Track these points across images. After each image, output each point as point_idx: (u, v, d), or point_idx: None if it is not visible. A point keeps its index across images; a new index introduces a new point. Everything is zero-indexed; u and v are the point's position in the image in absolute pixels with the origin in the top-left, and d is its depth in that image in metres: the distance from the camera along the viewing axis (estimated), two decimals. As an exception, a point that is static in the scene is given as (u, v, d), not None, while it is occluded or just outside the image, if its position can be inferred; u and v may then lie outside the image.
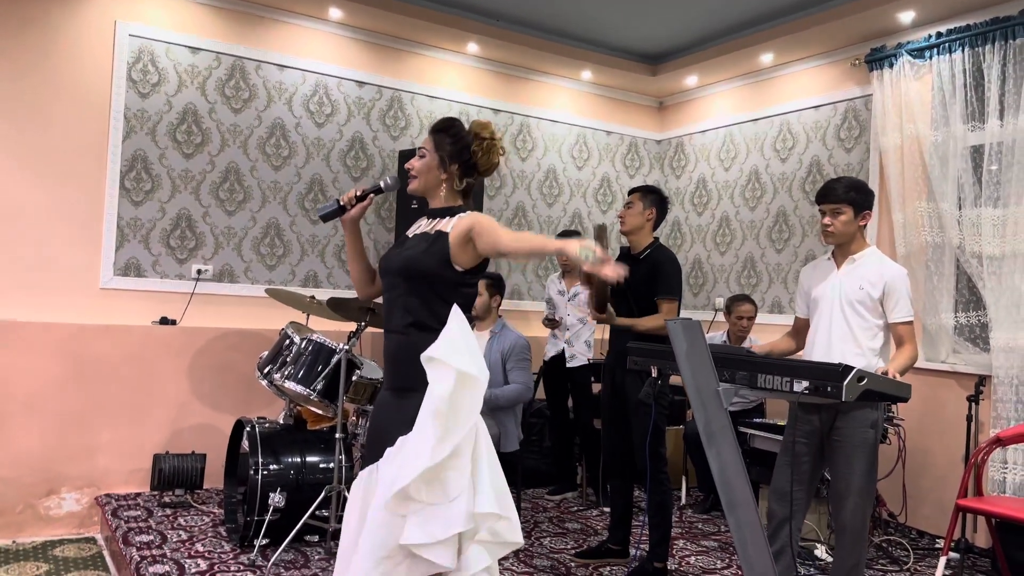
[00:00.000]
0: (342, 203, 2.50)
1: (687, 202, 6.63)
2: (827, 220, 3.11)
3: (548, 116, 6.35)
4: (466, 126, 2.48)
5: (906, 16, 4.76)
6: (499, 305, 4.54)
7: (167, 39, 4.86)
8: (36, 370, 4.36)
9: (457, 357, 2.18)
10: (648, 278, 3.76)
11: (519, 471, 4.50)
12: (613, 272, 2.05)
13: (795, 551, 3.11)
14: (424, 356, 2.19)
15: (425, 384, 2.23)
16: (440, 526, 2.11)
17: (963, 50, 4.58)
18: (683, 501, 5.28)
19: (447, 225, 2.38)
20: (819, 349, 3.09)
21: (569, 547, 4.18)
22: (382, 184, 2.57)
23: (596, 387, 5.18)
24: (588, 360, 5.23)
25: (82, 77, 4.63)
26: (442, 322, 2.27)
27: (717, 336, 5.37)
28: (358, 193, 2.51)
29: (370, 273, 2.57)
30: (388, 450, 2.24)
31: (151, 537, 3.88)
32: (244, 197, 5.12)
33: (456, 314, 2.27)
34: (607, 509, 4.82)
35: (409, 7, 5.25)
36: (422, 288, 2.32)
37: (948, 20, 4.70)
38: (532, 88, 6.29)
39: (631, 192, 3.93)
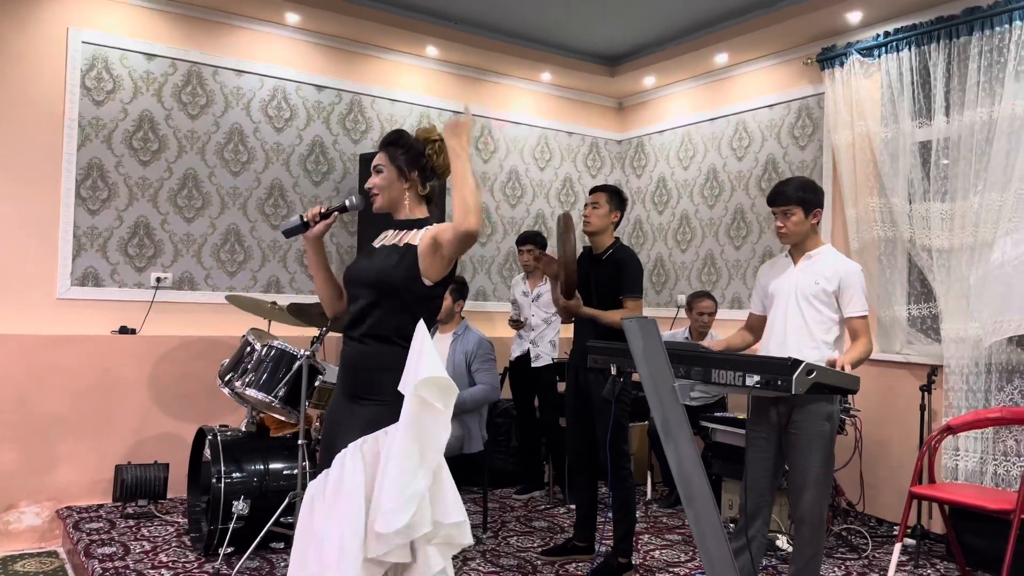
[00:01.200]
0: (306, 219, 2.45)
1: (648, 201, 6.71)
2: (779, 222, 3.19)
3: (510, 118, 6.39)
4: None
5: (854, 16, 4.87)
6: (461, 309, 4.57)
7: (121, 46, 4.81)
8: (-8, 383, 4.30)
9: (435, 368, 2.23)
10: (611, 278, 3.81)
11: (485, 472, 4.53)
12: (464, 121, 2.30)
13: (763, 544, 3.17)
14: (412, 376, 2.20)
15: (379, 393, 2.28)
16: (402, 533, 2.14)
17: (910, 49, 4.70)
18: (648, 496, 5.34)
19: (415, 237, 2.39)
20: (775, 342, 3.16)
21: (536, 545, 4.22)
22: (347, 203, 2.53)
23: (561, 386, 5.23)
24: (553, 360, 5.27)
25: (34, 85, 4.56)
26: (404, 335, 2.29)
27: (679, 332, 5.44)
28: (323, 211, 2.47)
29: (337, 290, 2.54)
30: (338, 456, 2.26)
31: (114, 549, 3.84)
32: (203, 204, 5.08)
33: (421, 327, 2.29)
34: (574, 507, 4.87)
35: (366, 11, 5.25)
36: (390, 301, 2.33)
37: (895, 20, 4.81)
38: (492, 90, 6.32)
39: (594, 191, 3.95)
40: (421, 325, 2.30)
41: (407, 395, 2.21)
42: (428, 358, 2.23)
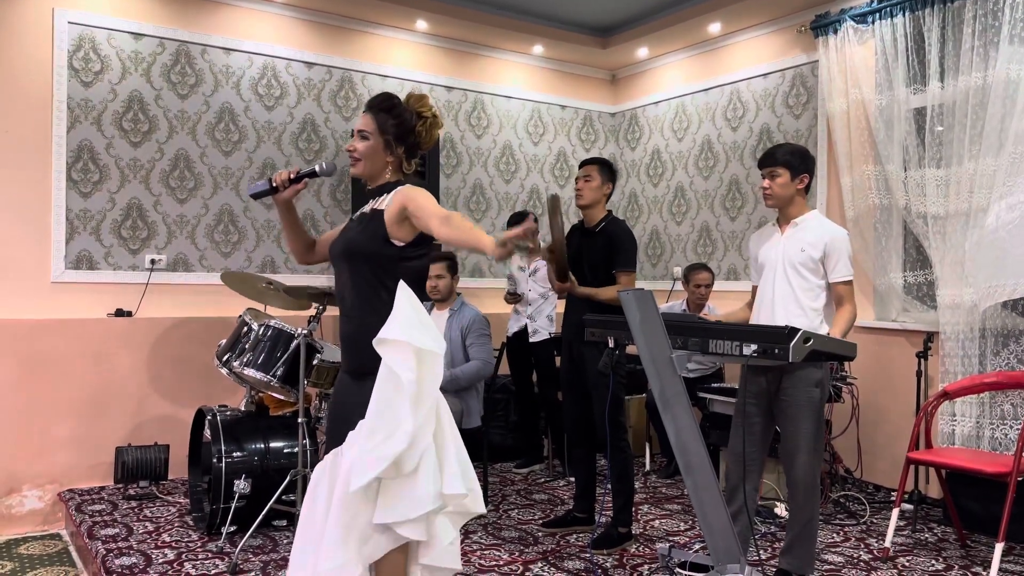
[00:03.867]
0: (275, 183, 2.44)
1: (642, 174, 6.68)
2: (765, 183, 3.20)
3: (502, 92, 6.34)
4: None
5: (848, -18, 4.83)
6: (456, 283, 4.56)
7: (108, 25, 4.75)
8: (-11, 368, 4.30)
9: (412, 333, 2.16)
10: (605, 251, 3.82)
11: (484, 446, 4.55)
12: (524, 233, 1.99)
13: (752, 509, 3.20)
14: (377, 340, 2.16)
15: (379, 365, 2.24)
16: (409, 506, 2.14)
17: (904, 14, 4.66)
18: (647, 467, 5.38)
19: (382, 202, 2.36)
20: (764, 311, 3.18)
21: (537, 518, 4.25)
22: (317, 168, 2.50)
23: (559, 361, 5.24)
24: (550, 334, 5.28)
25: (21, 68, 4.51)
26: (390, 301, 2.25)
27: (676, 305, 5.45)
28: (292, 175, 2.45)
29: (308, 242, 2.56)
30: (350, 434, 2.25)
31: (117, 530, 3.86)
32: (195, 184, 5.05)
33: (403, 290, 2.24)
34: (574, 479, 4.90)
35: (355, -14, 5.20)
36: (364, 269, 2.30)
37: (889, -15, 4.77)
38: (484, 64, 6.27)
39: (586, 164, 3.94)
40: (403, 285, 2.24)
41: (389, 358, 2.14)
42: (415, 320, 2.18)
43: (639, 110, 6.72)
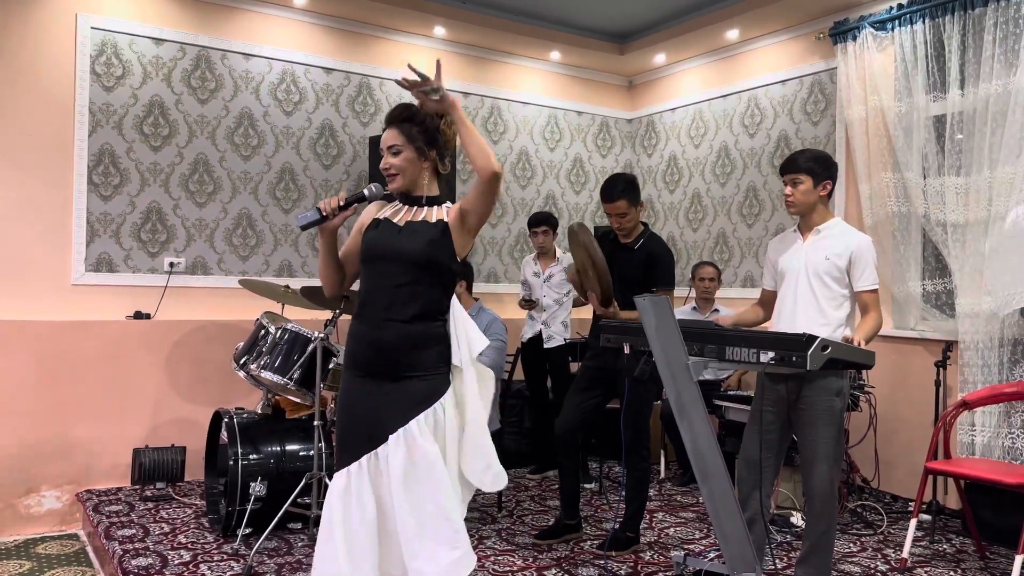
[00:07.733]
0: (324, 212, 2.39)
1: (659, 180, 6.67)
2: (788, 190, 3.17)
3: (519, 98, 6.35)
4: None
5: (867, -11, 4.81)
6: (464, 291, 4.54)
7: (130, 31, 4.80)
8: (10, 369, 4.33)
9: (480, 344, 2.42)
10: (644, 267, 3.77)
11: (500, 451, 4.53)
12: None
13: (766, 517, 3.18)
14: (461, 354, 2.39)
15: (428, 368, 2.34)
16: (487, 455, 2.44)
17: (924, 21, 4.63)
18: (662, 475, 5.36)
19: (443, 213, 2.43)
20: (785, 319, 3.14)
21: (550, 524, 4.23)
22: (366, 192, 2.46)
23: (574, 367, 5.23)
24: (565, 340, 5.27)
25: (44, 72, 4.57)
26: (442, 310, 2.39)
27: (686, 308, 5.46)
28: (341, 203, 2.42)
29: (341, 275, 2.54)
30: (392, 437, 2.29)
31: (133, 531, 3.89)
32: (214, 188, 5.10)
33: (457, 306, 2.41)
34: (587, 485, 4.88)
35: (374, -8, 5.23)
36: (430, 278, 2.37)
37: (909, -8, 4.75)
38: (501, 70, 6.28)
39: (616, 199, 3.74)
40: (455, 301, 2.40)
41: (464, 367, 2.34)
42: (475, 332, 2.38)
43: (656, 116, 6.71)
